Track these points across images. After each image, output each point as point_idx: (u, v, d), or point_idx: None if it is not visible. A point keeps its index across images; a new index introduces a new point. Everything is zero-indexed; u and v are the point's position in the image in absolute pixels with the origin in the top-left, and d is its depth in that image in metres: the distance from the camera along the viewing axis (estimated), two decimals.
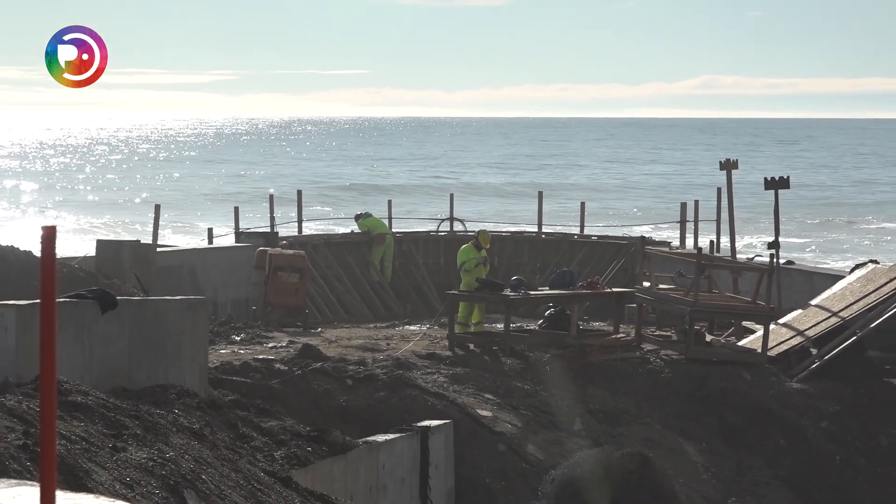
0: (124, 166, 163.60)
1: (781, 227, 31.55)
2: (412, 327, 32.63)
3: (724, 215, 35.65)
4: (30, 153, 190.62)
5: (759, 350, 28.32)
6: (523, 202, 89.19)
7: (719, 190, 36.33)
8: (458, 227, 42.24)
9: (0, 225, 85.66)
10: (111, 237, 52.61)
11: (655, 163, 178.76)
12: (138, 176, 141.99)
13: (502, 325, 29.16)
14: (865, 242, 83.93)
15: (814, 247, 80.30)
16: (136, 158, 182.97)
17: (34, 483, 7.37)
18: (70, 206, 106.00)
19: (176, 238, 66.42)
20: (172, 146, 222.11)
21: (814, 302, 30.21)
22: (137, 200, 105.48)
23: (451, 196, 44.86)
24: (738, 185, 35.04)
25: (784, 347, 28.65)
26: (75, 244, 59.11)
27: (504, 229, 44.22)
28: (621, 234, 43.86)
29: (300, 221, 40.91)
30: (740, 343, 29.54)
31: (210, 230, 42.96)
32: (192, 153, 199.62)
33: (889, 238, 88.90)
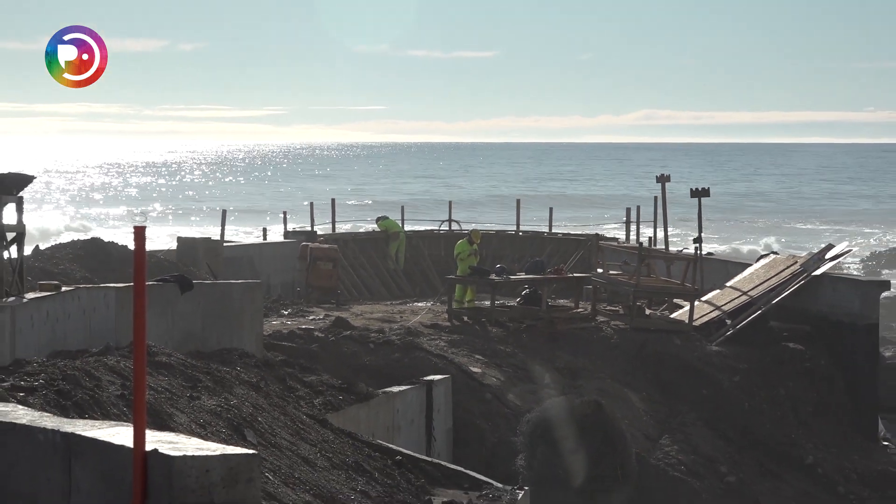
0: (197, 181, 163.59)
1: (704, 225, 31.47)
2: (420, 304, 32.59)
3: (660, 217, 35.58)
4: (128, 170, 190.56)
5: (687, 321, 28.32)
6: (505, 208, 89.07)
7: (656, 198, 36.22)
8: (455, 226, 42.19)
9: (104, 225, 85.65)
10: (189, 234, 52.45)
11: (604, 177, 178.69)
12: (223, 190, 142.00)
13: (489, 302, 29.15)
14: (765, 240, 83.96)
15: (730, 241, 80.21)
16: (215, 175, 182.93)
17: (129, 424, 7.34)
18: (157, 209, 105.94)
19: (239, 235, 66.31)
20: (237, 166, 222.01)
21: (728, 284, 30.20)
22: (205, 208, 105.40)
23: (450, 203, 44.82)
24: (670, 194, 34.90)
25: (705, 319, 28.63)
26: (162, 240, 59.09)
27: (490, 228, 44.12)
28: (580, 232, 43.79)
29: (334, 223, 40.86)
30: (672, 316, 29.54)
31: (265, 229, 42.93)
32: (253, 171, 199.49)
33: (786, 234, 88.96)
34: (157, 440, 6.95)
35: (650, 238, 37.76)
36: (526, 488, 15.23)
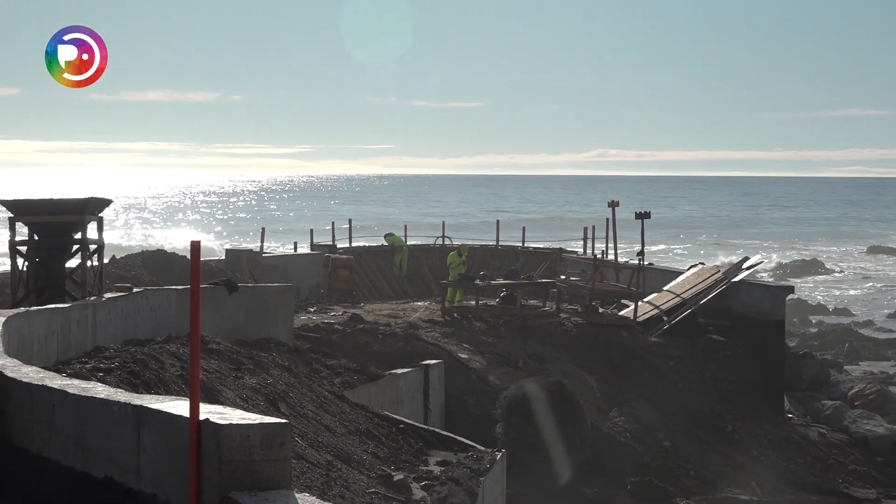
0: (242, 204, 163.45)
1: (646, 241, 31.48)
2: (419, 303, 32.57)
3: (611, 234, 35.57)
4: (187, 196, 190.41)
5: (632, 318, 28.35)
6: (488, 226, 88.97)
7: (608, 220, 36.22)
8: (447, 241, 42.19)
9: (168, 239, 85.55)
10: (235, 247, 52.39)
11: (566, 203, 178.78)
12: (263, 212, 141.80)
13: (474, 302, 29.14)
14: (699, 252, 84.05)
15: (666, 253, 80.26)
16: (257, 200, 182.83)
17: (186, 398, 7.34)
18: (211, 227, 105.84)
19: (275, 247, 66.20)
20: (274, 193, 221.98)
21: (665, 288, 30.25)
22: (252, 230, 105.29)
23: (443, 223, 45.02)
24: (619, 217, 34.87)
25: (647, 316, 28.68)
26: (214, 251, 58.99)
27: (476, 243, 44.12)
28: (547, 247, 43.77)
29: (350, 238, 40.86)
30: (620, 313, 29.55)
31: (295, 243, 43.00)
32: (283, 194, 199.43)
33: (710, 247, 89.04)
34: (208, 411, 6.95)
35: (603, 251, 37.77)
36: (503, 451, 15.23)
